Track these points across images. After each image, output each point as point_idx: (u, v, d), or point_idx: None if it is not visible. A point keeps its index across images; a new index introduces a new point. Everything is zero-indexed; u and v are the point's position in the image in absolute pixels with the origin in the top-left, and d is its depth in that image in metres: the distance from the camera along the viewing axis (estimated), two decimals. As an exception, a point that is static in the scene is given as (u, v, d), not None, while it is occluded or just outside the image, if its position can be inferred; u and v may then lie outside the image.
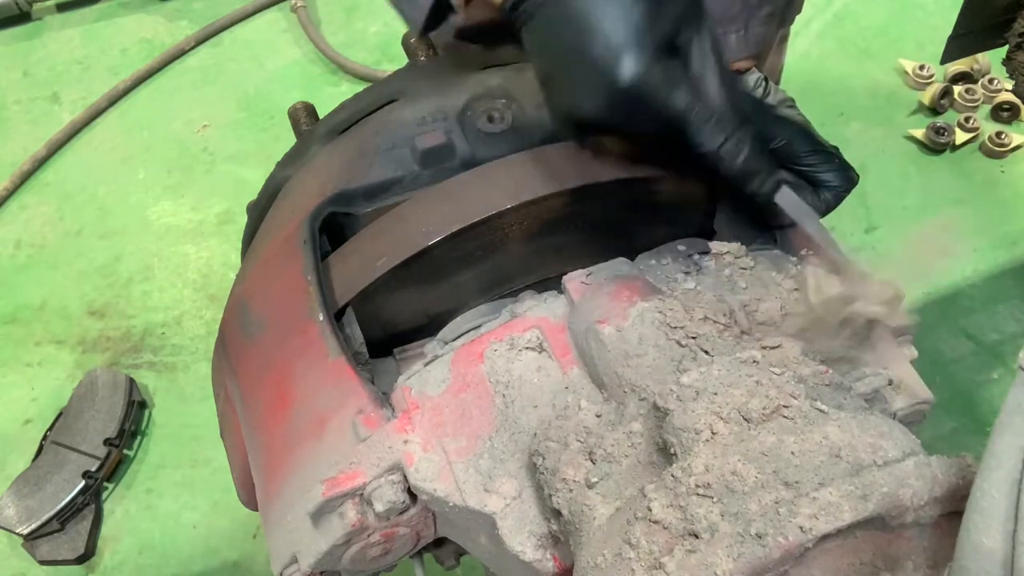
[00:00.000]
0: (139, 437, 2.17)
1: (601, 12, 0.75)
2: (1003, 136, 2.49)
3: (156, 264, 2.47)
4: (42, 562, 1.96)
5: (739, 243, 0.92)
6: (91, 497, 2.02)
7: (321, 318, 0.87)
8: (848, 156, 0.99)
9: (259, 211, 1.13)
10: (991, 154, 2.51)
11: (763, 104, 1.00)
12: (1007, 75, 1.45)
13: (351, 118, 1.08)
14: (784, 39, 1.70)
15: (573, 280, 0.88)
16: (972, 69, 2.63)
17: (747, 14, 0.98)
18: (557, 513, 0.71)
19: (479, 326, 0.90)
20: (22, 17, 3.13)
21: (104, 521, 2.04)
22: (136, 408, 2.15)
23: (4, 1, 3.05)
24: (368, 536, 0.80)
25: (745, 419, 0.64)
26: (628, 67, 0.74)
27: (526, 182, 0.90)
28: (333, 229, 0.98)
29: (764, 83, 1.01)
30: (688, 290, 0.86)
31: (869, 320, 0.87)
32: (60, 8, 3.17)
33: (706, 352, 0.77)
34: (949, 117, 2.59)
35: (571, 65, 0.78)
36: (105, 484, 2.08)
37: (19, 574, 1.99)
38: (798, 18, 1.73)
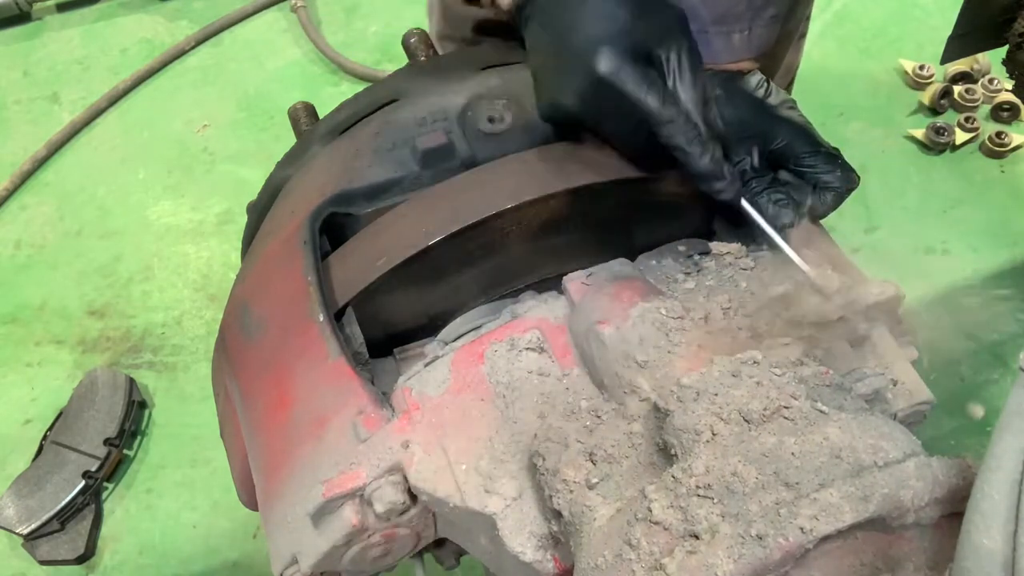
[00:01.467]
0: (139, 437, 2.16)
1: (586, 12, 0.83)
2: (1003, 136, 2.49)
3: (156, 264, 2.46)
4: (42, 562, 1.96)
5: (739, 243, 0.92)
6: (91, 497, 2.02)
7: (321, 319, 0.87)
8: (848, 156, 0.99)
9: (259, 211, 1.13)
10: (991, 154, 2.51)
11: (764, 104, 1.00)
12: (1007, 75, 1.45)
13: (351, 118, 1.08)
14: (802, 36, 1.70)
15: (574, 281, 0.88)
16: (972, 69, 2.63)
17: (752, 14, 0.99)
18: (557, 514, 0.71)
19: (479, 327, 0.90)
20: (22, 17, 3.13)
21: (104, 521, 2.04)
22: (136, 408, 2.15)
23: (4, 1, 3.05)
24: (368, 537, 0.80)
25: (746, 420, 0.65)
26: (605, 59, 0.81)
27: (526, 182, 0.90)
28: (333, 229, 0.98)
29: (766, 84, 1.01)
30: (688, 291, 0.86)
31: (868, 320, 0.87)
32: (60, 8, 3.17)
33: (706, 353, 0.77)
34: (949, 117, 2.59)
35: (556, 57, 0.86)
36: (105, 484, 2.07)
37: (19, 574, 1.99)
38: (797, 18, 1.73)
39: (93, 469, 2.01)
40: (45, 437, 2.09)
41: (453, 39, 1.54)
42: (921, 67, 2.67)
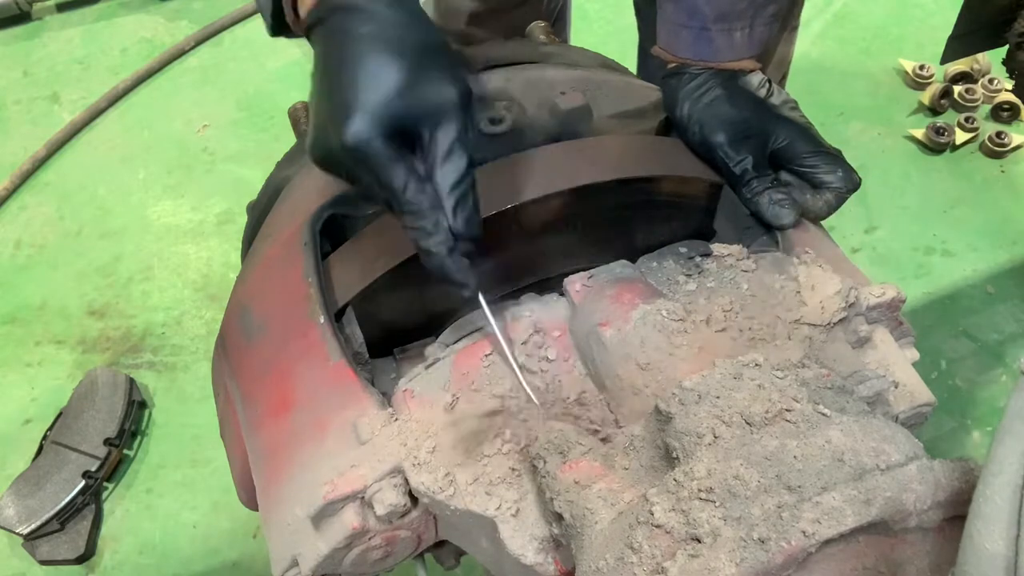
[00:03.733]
0: (139, 437, 2.16)
1: (355, 70, 0.74)
2: (1003, 136, 2.49)
3: (156, 264, 2.46)
4: (42, 562, 1.95)
5: (740, 245, 0.92)
6: (91, 497, 2.02)
7: (322, 320, 0.87)
8: (848, 156, 0.99)
9: (259, 211, 1.13)
10: (991, 154, 2.51)
11: (766, 104, 1.00)
12: (1007, 75, 1.45)
13: (351, 119, 1.07)
14: (794, 29, 1.71)
15: (574, 283, 0.88)
16: (972, 69, 2.63)
17: (753, 12, 0.99)
18: (559, 517, 0.71)
19: (480, 328, 0.90)
20: (22, 17, 3.13)
21: (104, 521, 2.04)
22: (136, 408, 2.15)
23: (4, 1, 3.05)
24: (369, 539, 0.80)
25: (747, 423, 0.64)
26: (354, 127, 0.72)
27: (526, 182, 0.90)
28: (333, 229, 0.98)
29: (767, 84, 1.01)
30: (690, 292, 0.86)
31: (869, 322, 0.87)
32: (60, 8, 3.17)
33: (708, 355, 0.77)
34: (949, 117, 2.59)
35: (319, 105, 0.77)
36: (105, 484, 2.07)
37: (19, 574, 1.98)
38: (798, 18, 1.73)
39: (93, 469, 2.01)
40: (45, 437, 2.09)
41: (448, 32, 1.54)
42: (921, 67, 2.67)
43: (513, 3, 1.52)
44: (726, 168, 0.97)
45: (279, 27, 0.87)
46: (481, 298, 0.81)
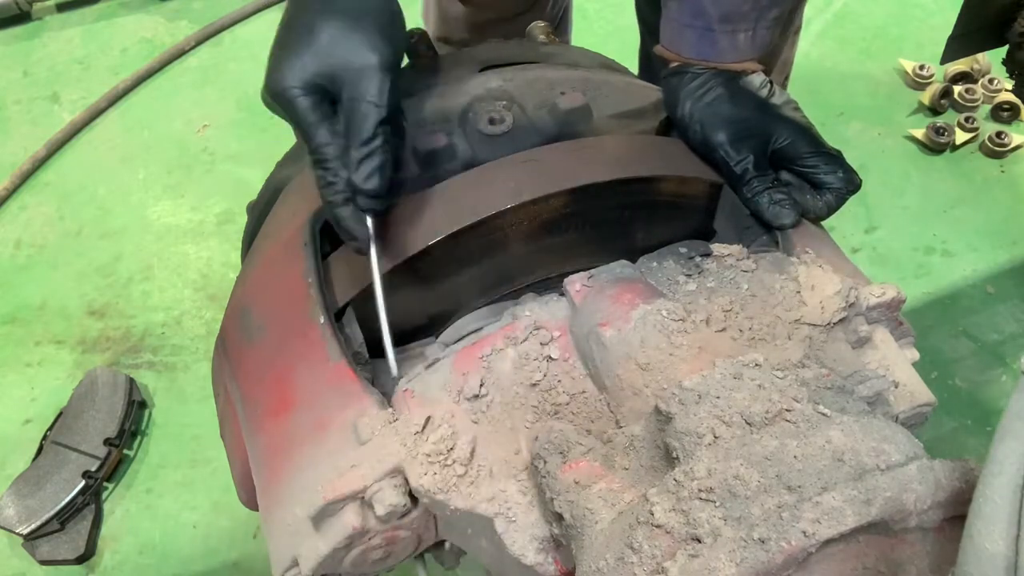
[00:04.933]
0: (139, 437, 2.16)
1: (299, 24, 0.83)
2: (1003, 136, 2.49)
3: (156, 264, 2.46)
4: (42, 562, 1.95)
5: (740, 245, 0.92)
6: (91, 497, 2.01)
7: (322, 321, 0.87)
8: (848, 156, 0.99)
9: (259, 211, 1.13)
10: (991, 154, 2.50)
11: (768, 104, 1.00)
12: (1007, 75, 1.46)
13: (351, 119, 1.07)
14: (796, 32, 1.71)
15: (574, 283, 0.88)
16: (972, 69, 2.63)
17: (757, 14, 0.99)
18: (559, 517, 0.71)
19: (480, 328, 0.90)
20: (22, 17, 3.13)
21: (104, 521, 2.04)
22: (136, 408, 2.15)
23: (4, 1, 3.04)
24: (369, 539, 0.80)
25: (748, 423, 0.64)
26: (279, 77, 0.82)
27: (526, 182, 0.90)
28: (333, 229, 0.98)
29: (769, 84, 1.01)
30: (690, 292, 0.86)
31: (869, 322, 0.87)
32: (60, 8, 3.17)
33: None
34: (949, 117, 2.59)
35: (269, 56, 0.86)
36: (105, 484, 2.07)
37: (19, 574, 1.98)
38: (798, 18, 1.73)
39: (93, 469, 2.01)
40: (45, 437, 2.09)
41: (450, 41, 1.54)
42: (921, 67, 2.67)
43: (515, 12, 1.52)
44: (727, 167, 0.97)
45: None
46: (373, 250, 0.84)
